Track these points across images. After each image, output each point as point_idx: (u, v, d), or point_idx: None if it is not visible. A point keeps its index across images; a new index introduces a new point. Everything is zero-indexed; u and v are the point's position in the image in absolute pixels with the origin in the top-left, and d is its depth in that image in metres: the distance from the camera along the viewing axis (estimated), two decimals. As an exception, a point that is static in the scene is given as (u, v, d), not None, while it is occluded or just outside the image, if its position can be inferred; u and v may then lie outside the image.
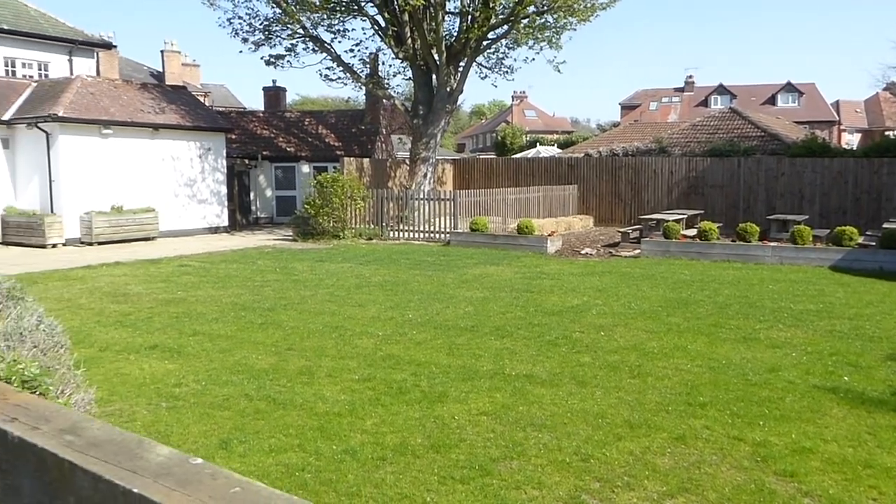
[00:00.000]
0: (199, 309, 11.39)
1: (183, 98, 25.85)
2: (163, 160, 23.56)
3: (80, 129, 21.18)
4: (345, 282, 14.11)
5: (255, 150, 30.01)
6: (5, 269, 7.34)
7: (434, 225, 22.50)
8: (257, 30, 26.17)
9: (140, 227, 22.10)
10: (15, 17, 28.19)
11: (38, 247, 20.12)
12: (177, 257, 18.06)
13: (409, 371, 7.85)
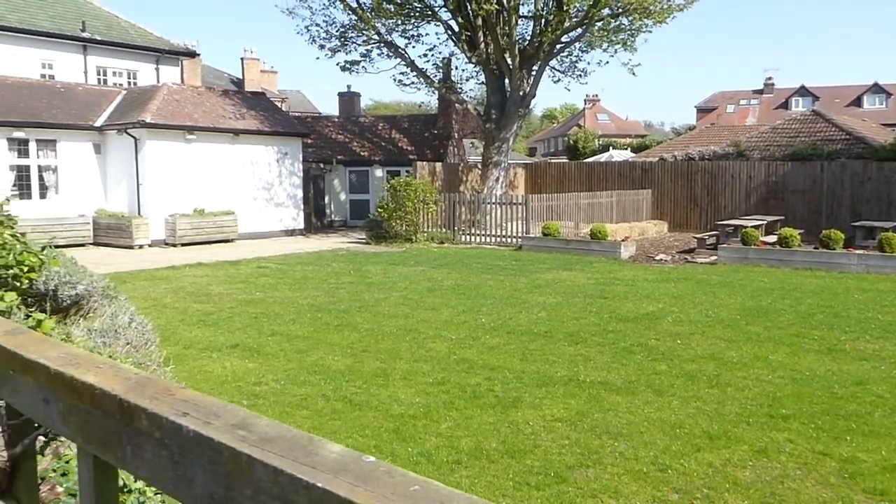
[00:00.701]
0: (276, 310, 11.70)
1: (262, 104, 26.60)
2: (242, 164, 24.28)
3: (166, 135, 22.05)
4: (418, 285, 14.24)
5: (329, 154, 30.60)
6: (96, 269, 7.72)
7: (506, 229, 22.48)
8: (334, 36, 26.70)
9: (220, 230, 22.83)
10: (107, 28, 29.58)
11: (125, 247, 21.01)
12: (255, 259, 18.57)
13: (483, 375, 7.88)
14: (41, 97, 22.44)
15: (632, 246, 19.58)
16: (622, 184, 27.69)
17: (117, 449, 0.62)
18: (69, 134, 22.19)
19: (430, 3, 25.68)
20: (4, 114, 20.83)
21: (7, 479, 0.86)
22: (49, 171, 22.02)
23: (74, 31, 28.02)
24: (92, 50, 28.40)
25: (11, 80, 22.75)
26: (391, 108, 72.85)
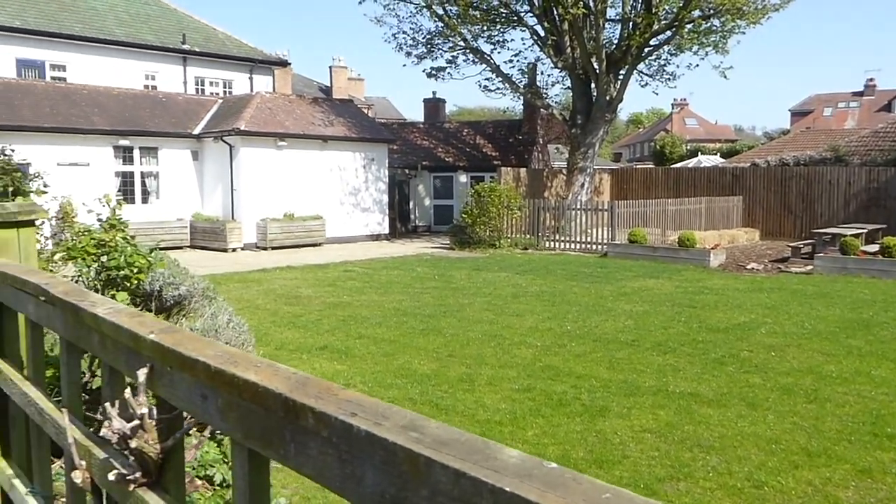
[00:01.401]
0: (363, 313, 11.90)
1: (350, 111, 27.16)
2: (330, 170, 24.84)
3: (259, 142, 22.79)
4: (502, 291, 14.23)
5: (414, 160, 30.95)
6: (194, 271, 8.08)
7: (590, 236, 22.21)
8: (420, 43, 27.04)
9: (309, 234, 23.43)
10: (205, 40, 30.86)
11: (219, 250, 21.82)
12: (342, 263, 18.95)
13: (569, 383, 7.81)
14: (145, 107, 23.59)
15: (721, 254, 19.01)
16: (711, 190, 26.92)
17: (279, 445, 0.66)
18: (170, 141, 23.26)
19: (515, 8, 25.67)
20: (112, 123, 22.00)
21: (157, 471, 0.92)
22: (151, 177, 23.13)
23: (176, 43, 29.36)
24: (191, 61, 29.70)
25: (118, 91, 24.01)
26: (475, 114, 73.08)
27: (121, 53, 27.84)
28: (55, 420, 1.23)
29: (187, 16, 32.12)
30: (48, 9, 27.40)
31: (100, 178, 21.12)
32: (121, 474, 0.91)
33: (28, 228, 1.62)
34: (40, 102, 21.30)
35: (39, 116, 20.72)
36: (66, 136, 20.78)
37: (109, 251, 4.78)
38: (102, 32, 27.75)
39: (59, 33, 26.42)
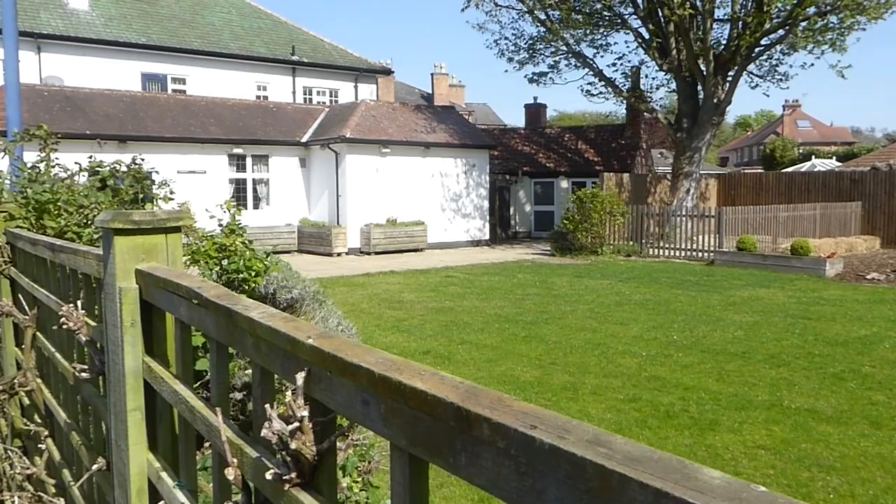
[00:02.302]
0: (465, 318, 11.95)
1: (451, 118, 27.40)
2: (432, 176, 25.13)
3: (363, 149, 23.33)
4: (604, 298, 13.99)
5: (515, 165, 30.90)
6: (302, 275, 8.38)
7: (696, 243, 21.53)
8: (522, 49, 27.01)
9: (411, 239, 23.77)
10: (313, 51, 31.92)
11: (325, 255, 22.45)
12: (443, 268, 19.11)
13: (677, 395, 7.59)
14: (256, 116, 24.60)
15: (838, 263, 18.03)
16: (826, 195, 25.59)
17: (448, 454, 0.67)
18: (279, 149, 24.16)
19: (619, 11, 25.26)
20: (226, 132, 23.06)
21: (311, 472, 0.95)
22: (262, 183, 24.08)
23: (286, 55, 30.52)
24: (300, 71, 30.79)
25: (232, 101, 25.15)
26: (576, 119, 72.26)
27: (235, 66, 29.19)
28: (206, 418, 1.29)
29: (297, 28, 33.30)
30: (170, 25, 29.03)
31: (215, 185, 22.16)
32: (277, 474, 0.95)
33: (175, 234, 1.72)
34: (163, 114, 22.56)
35: (162, 127, 21.95)
36: (185, 146, 21.93)
37: (230, 255, 5.00)
38: (219, 46, 29.15)
39: (179, 48, 27.95)
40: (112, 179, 5.48)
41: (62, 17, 26.38)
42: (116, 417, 1.75)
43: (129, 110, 22.04)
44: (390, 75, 34.99)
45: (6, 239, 3.60)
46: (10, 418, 3.87)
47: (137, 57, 27.02)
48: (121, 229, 1.65)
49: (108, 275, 1.72)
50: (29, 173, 4.03)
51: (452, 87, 50.08)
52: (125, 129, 21.08)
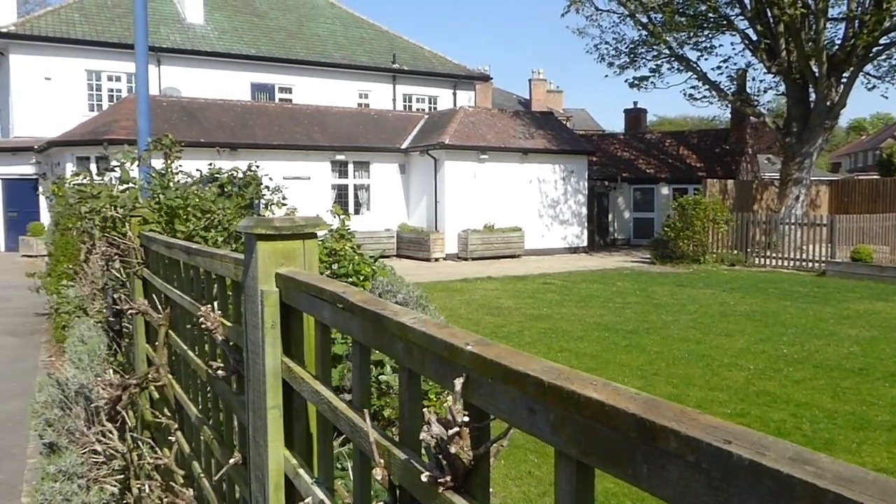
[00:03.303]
0: (563, 326, 11.84)
1: (549, 123, 27.25)
2: (530, 182, 25.05)
3: (462, 155, 23.51)
4: (708, 309, 13.57)
5: (614, 171, 30.41)
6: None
7: (806, 253, 20.60)
8: (623, 53, 26.58)
9: (508, 245, 23.76)
10: (413, 58, 32.46)
11: (423, 260, 22.73)
12: (540, 275, 19.00)
13: (788, 411, 7.28)
14: (358, 124, 25.22)
15: (968, 276, 16.85)
16: (954, 204, 23.96)
17: (627, 465, 0.68)
18: (380, 156, 24.67)
19: (725, 12, 24.47)
20: (330, 140, 23.74)
21: (465, 476, 0.98)
22: (363, 189, 24.65)
23: (387, 63, 31.18)
24: (400, 79, 31.38)
25: (336, 109, 25.90)
26: (676, 124, 70.44)
27: (338, 74, 30.05)
28: (350, 418, 1.34)
29: (398, 37, 33.96)
30: (278, 37, 30.18)
31: (318, 191, 22.84)
32: (432, 476, 0.99)
33: (312, 240, 1.79)
34: (270, 122, 23.45)
35: (270, 135, 22.81)
36: (290, 153, 22.70)
37: (339, 259, 5.15)
38: (323, 56, 30.09)
39: (287, 59, 29.04)
40: (230, 185, 5.75)
41: (180, 32, 27.85)
42: (255, 415, 1.84)
43: (239, 119, 23.02)
44: (488, 82, 35.15)
45: (140, 241, 3.83)
46: (141, 411, 4.11)
47: (247, 68, 28.23)
48: (263, 235, 1.73)
49: (250, 278, 1.81)
50: (161, 180, 4.29)
51: (550, 93, 49.80)
52: (236, 137, 22.02)
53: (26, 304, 13.83)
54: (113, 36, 26.32)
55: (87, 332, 6.17)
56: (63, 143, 21.92)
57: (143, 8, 5.88)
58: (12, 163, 25.11)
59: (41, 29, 25.69)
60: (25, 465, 5.90)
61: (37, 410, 4.97)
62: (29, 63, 25.26)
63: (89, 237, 7.82)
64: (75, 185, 6.36)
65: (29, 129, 25.11)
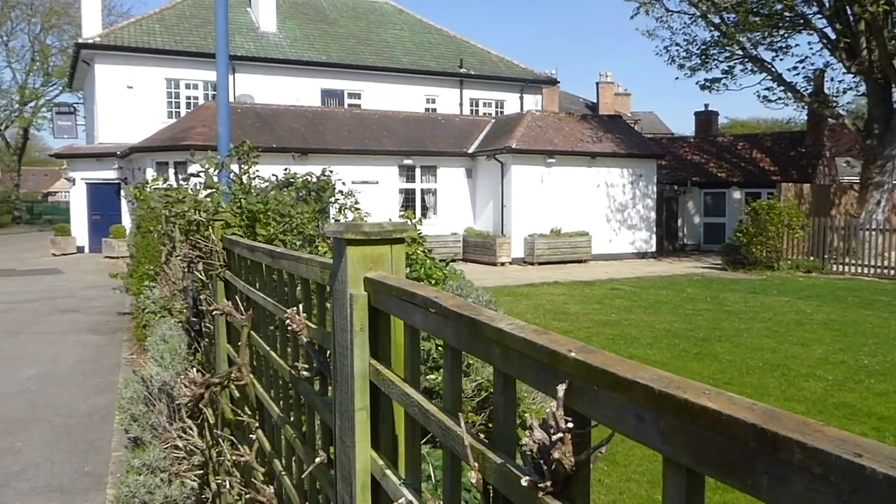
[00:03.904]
0: (632, 333, 11.67)
1: (618, 127, 26.90)
2: (597, 186, 24.78)
3: (528, 159, 23.43)
4: (783, 317, 13.18)
5: (684, 175, 29.81)
6: (470, 283, 8.65)
7: (889, 259, 19.79)
8: (694, 55, 26.04)
9: (574, 250, 23.55)
10: (480, 63, 32.55)
11: (489, 264, 22.73)
12: (608, 280, 18.77)
13: (870, 425, 7.01)
14: (426, 128, 25.41)
15: None
16: None
17: (745, 476, 0.68)
18: (447, 160, 24.81)
19: (802, 11, 23.73)
20: (397, 144, 24.00)
21: (564, 482, 0.99)
22: (429, 193, 24.82)
23: (454, 68, 31.35)
24: (467, 84, 31.51)
25: (403, 114, 26.17)
26: (748, 126, 68.60)
27: (406, 80, 30.36)
28: (442, 421, 1.37)
29: (465, 41, 34.10)
30: (348, 44, 30.70)
31: (386, 195, 23.10)
32: (532, 481, 1.00)
33: (399, 245, 1.83)
34: (340, 127, 23.86)
35: (339, 140, 23.21)
36: (359, 157, 23.04)
37: (411, 263, 5.20)
38: (391, 62, 30.45)
39: (356, 65, 29.52)
40: (304, 190, 5.88)
41: (254, 41, 28.61)
42: (342, 416, 1.89)
43: (310, 124, 23.49)
44: (555, 85, 34.93)
45: (223, 245, 3.96)
46: (221, 409, 4.24)
47: (318, 74, 28.80)
48: (353, 240, 1.78)
49: (339, 282, 1.86)
50: (243, 185, 4.43)
51: (618, 96, 49.09)
52: (306, 143, 22.48)
53: (109, 303, 14.42)
54: (191, 45, 27.23)
55: (169, 331, 6.40)
56: (143, 148, 22.78)
57: (224, 20, 6.09)
58: (96, 168, 26.21)
59: (124, 39, 26.76)
60: (110, 458, 6.15)
61: (123, 406, 5.19)
62: (113, 72, 26.34)
63: (169, 240, 8.11)
64: (161, 189, 6.61)
65: (112, 136, 26.18)
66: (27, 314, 13.53)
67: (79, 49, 27.18)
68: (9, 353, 10.26)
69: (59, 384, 8.56)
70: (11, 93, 49.40)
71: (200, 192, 4.73)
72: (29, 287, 17.36)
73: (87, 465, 6.03)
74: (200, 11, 29.37)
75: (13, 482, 5.67)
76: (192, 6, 29.77)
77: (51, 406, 7.69)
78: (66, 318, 13.10)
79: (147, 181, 14.31)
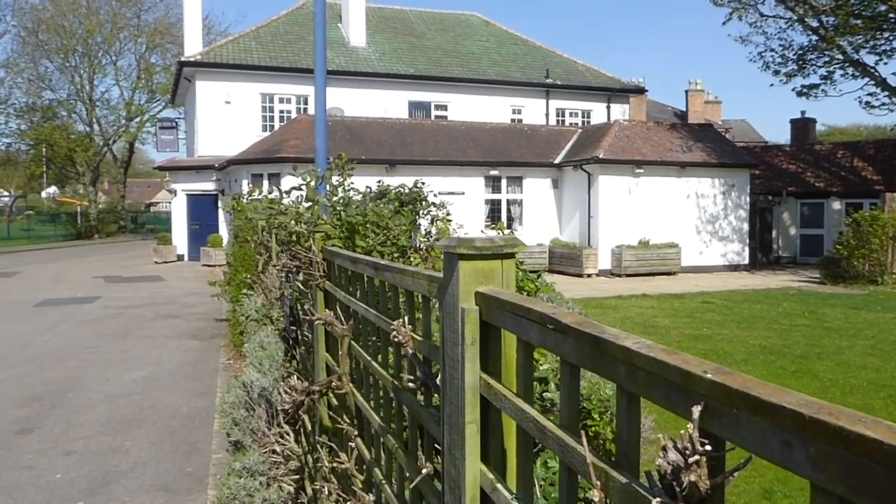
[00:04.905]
0: (725, 348, 11.33)
1: (709, 136, 26.21)
2: (687, 197, 24.18)
3: (616, 170, 23.09)
4: (888, 334, 12.52)
5: (779, 185, 28.74)
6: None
7: None
8: (790, 60, 25.19)
9: (663, 262, 23.03)
10: (566, 73, 32.35)
11: (575, 276, 22.48)
12: (699, 293, 18.27)
13: None
14: (511, 139, 25.42)
15: None
16: None
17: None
18: (532, 171, 24.73)
19: (910, 11, 22.61)
20: (483, 155, 24.09)
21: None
22: (515, 204, 24.78)
23: (540, 78, 31.27)
24: (553, 94, 31.36)
25: (490, 125, 26.27)
26: (848, 134, 65.64)
27: (492, 91, 30.48)
28: (560, 438, 1.37)
29: (551, 51, 33.98)
30: (434, 56, 31.08)
31: (471, 206, 23.19)
32: (664, 503, 0.99)
33: (510, 260, 1.85)
34: (427, 139, 24.14)
35: (426, 151, 23.48)
36: (446, 168, 23.24)
37: (504, 275, 5.21)
38: (477, 73, 30.64)
39: (443, 77, 29.84)
40: (397, 202, 5.98)
41: (344, 55, 29.33)
42: (451, 428, 1.91)
43: (397, 137, 23.87)
44: (643, 94, 34.35)
45: (323, 256, 4.07)
46: (318, 416, 4.35)
47: (405, 86, 29.26)
48: (465, 254, 1.80)
49: (450, 295, 1.89)
50: (342, 198, 4.55)
51: (708, 104, 47.89)
52: (394, 154, 22.85)
53: (207, 309, 15.00)
54: (284, 61, 28.14)
55: (266, 338, 6.61)
56: (240, 161, 23.64)
57: (322, 39, 6.29)
58: (196, 180, 27.38)
59: (223, 57, 27.90)
60: (210, 460, 6.39)
61: (225, 410, 5.38)
62: (212, 88, 27.49)
63: (265, 250, 8.38)
64: (263, 200, 6.85)
65: (210, 149, 27.31)
66: (133, 319, 14.23)
67: (181, 67, 28.51)
68: (118, 355, 10.82)
69: (162, 387, 8.97)
70: (119, 109, 52.19)
71: (302, 204, 4.88)
72: (134, 293, 18.26)
73: (189, 466, 6.28)
74: (294, 28, 30.33)
75: (123, 480, 5.97)
76: (286, 23, 30.78)
77: (155, 408, 8.06)
78: (167, 323, 13.71)
79: (242, 193, 14.83)
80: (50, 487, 5.78)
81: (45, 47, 48.09)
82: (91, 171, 51.85)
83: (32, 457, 6.49)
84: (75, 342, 11.85)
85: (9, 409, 8.01)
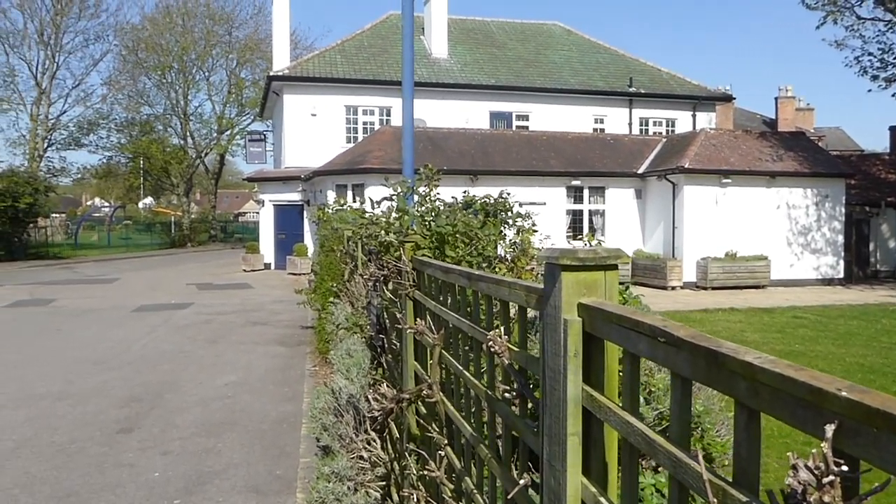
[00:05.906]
0: (819, 365, 10.86)
1: (800, 144, 25.25)
2: (777, 208, 23.35)
3: (702, 179, 22.52)
4: None
5: (877, 196, 27.41)
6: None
7: None
8: (890, 65, 24.06)
9: (751, 275, 22.28)
10: (650, 81, 31.79)
11: (659, 288, 21.99)
12: (789, 308, 17.60)
13: None
14: (594, 149, 25.14)
15: None
16: None
17: None
18: (615, 181, 24.37)
19: None
20: (565, 165, 23.91)
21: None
22: (597, 214, 24.47)
23: (623, 87, 30.83)
24: (636, 102, 30.86)
25: (572, 135, 26.06)
26: (955, 141, 61.92)
27: (574, 100, 30.24)
28: (672, 453, 1.35)
29: (634, 59, 33.47)
30: (515, 66, 31.08)
31: (553, 216, 23.02)
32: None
33: (613, 271, 1.83)
34: (508, 149, 24.14)
35: (507, 161, 23.48)
36: (527, 178, 23.17)
37: (591, 287, 5.14)
38: (559, 83, 30.46)
39: (524, 87, 29.80)
40: (483, 212, 6.00)
41: (427, 66, 29.67)
42: (551, 440, 1.90)
43: (479, 147, 23.95)
44: (730, 102, 33.41)
45: (413, 265, 4.12)
46: (406, 424, 4.40)
47: (487, 97, 29.36)
48: (568, 266, 1.80)
49: (551, 307, 1.89)
50: (432, 208, 4.61)
51: (800, 111, 46.20)
52: (476, 164, 22.93)
53: (293, 317, 15.39)
54: (368, 73, 28.69)
55: (353, 346, 6.73)
56: (325, 172, 24.20)
57: (410, 52, 6.39)
58: (282, 190, 28.18)
59: (309, 70, 28.68)
60: (298, 464, 6.54)
61: (314, 415, 5.50)
62: (299, 101, 28.28)
63: (351, 259, 8.54)
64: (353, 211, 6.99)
65: (297, 160, 28.07)
66: (224, 325, 14.72)
67: (270, 81, 29.44)
68: (210, 360, 11.22)
69: (252, 391, 9.24)
70: (211, 123, 54.33)
71: (392, 213, 4.96)
72: (225, 300, 18.90)
73: (278, 469, 6.45)
74: (377, 41, 30.89)
75: (216, 480, 6.17)
76: (370, 37, 31.38)
77: (245, 411, 8.30)
78: (256, 329, 14.13)
79: (328, 203, 15.16)
80: (149, 485, 6.04)
81: (144, 65, 50.55)
82: (184, 182, 54.11)
83: (133, 455, 6.79)
84: (170, 346, 12.34)
85: (111, 409, 8.41)
